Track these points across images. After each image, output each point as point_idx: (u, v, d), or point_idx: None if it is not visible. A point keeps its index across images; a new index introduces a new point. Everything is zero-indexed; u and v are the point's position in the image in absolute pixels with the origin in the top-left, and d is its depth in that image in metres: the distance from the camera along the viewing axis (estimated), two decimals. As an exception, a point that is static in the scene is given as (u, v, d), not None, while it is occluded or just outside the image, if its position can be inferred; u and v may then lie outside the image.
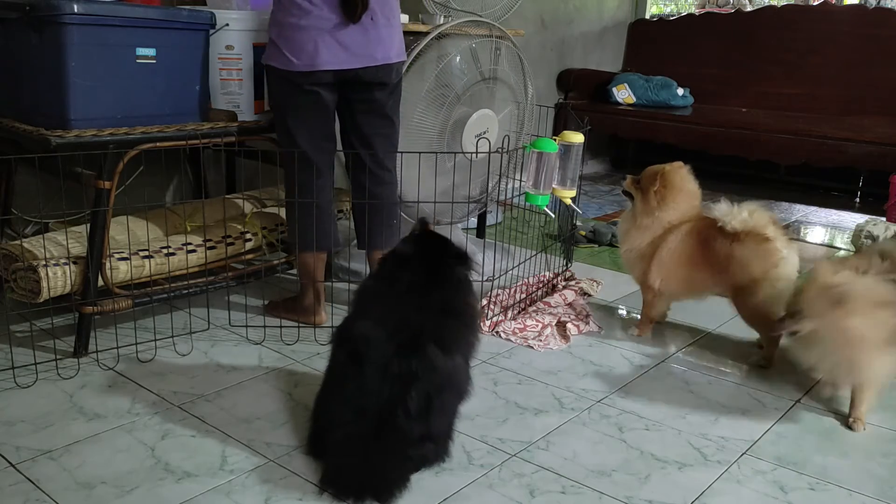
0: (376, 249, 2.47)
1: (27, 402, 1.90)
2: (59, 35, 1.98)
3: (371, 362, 1.57)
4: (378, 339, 1.59)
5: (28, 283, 2.07)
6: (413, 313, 1.63)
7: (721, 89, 5.03)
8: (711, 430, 1.89)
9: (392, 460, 1.57)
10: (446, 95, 2.69)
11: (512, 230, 3.47)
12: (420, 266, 1.70)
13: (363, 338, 1.60)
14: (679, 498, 1.62)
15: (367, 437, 1.56)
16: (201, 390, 2.00)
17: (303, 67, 2.16)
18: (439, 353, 1.58)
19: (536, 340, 2.38)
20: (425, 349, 1.58)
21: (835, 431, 1.93)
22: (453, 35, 2.74)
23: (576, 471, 1.70)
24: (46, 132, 2.00)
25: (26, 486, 1.56)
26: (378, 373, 1.56)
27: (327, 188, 2.36)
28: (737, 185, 5.01)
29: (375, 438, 1.55)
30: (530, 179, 2.46)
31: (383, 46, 2.24)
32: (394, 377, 1.55)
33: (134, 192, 2.49)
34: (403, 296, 1.67)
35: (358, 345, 1.61)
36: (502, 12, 3.08)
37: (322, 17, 2.13)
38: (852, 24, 4.69)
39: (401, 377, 1.55)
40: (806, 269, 2.28)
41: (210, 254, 2.39)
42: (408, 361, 1.56)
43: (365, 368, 1.57)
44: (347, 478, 1.56)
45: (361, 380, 1.57)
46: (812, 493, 1.66)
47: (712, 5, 5.34)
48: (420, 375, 1.55)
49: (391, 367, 1.56)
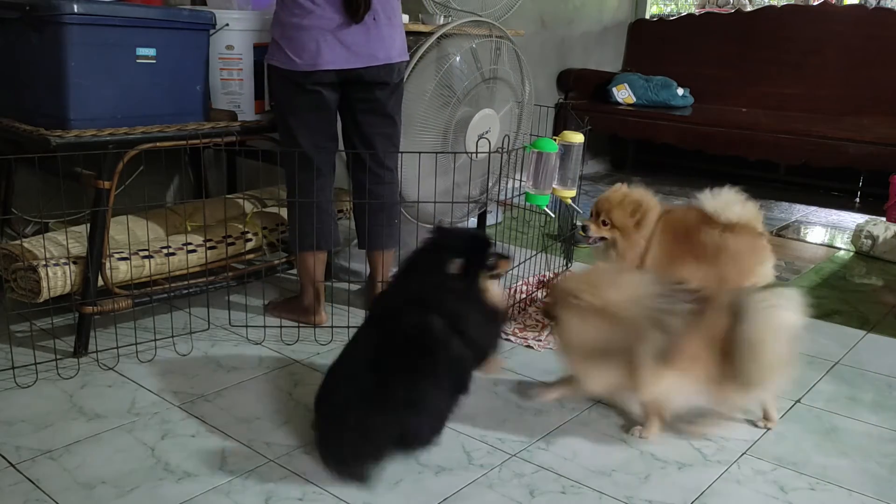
0: (376, 249, 2.47)
1: (27, 402, 1.90)
2: (59, 35, 1.98)
3: (377, 326, 1.69)
4: (391, 307, 1.70)
5: (28, 282, 2.07)
6: (430, 290, 1.71)
7: (721, 89, 5.02)
8: (711, 430, 1.89)
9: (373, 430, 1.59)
10: (450, 96, 2.69)
11: (512, 230, 3.47)
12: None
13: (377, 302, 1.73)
14: (679, 498, 1.61)
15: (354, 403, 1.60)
16: (201, 390, 2.00)
17: (305, 67, 2.16)
18: (447, 330, 1.63)
19: (536, 340, 2.38)
20: (432, 322, 1.63)
21: (835, 431, 1.93)
22: (454, 35, 2.74)
23: (576, 471, 1.69)
24: (46, 132, 2.00)
25: (26, 486, 1.56)
26: (384, 337, 1.66)
27: (328, 188, 2.36)
28: (737, 185, 5.01)
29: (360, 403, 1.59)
30: (530, 179, 2.46)
31: (385, 46, 2.24)
32: (396, 344, 1.63)
33: (134, 192, 2.49)
34: (425, 276, 1.76)
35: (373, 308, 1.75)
36: (502, 12, 3.08)
37: (325, 16, 2.14)
38: (852, 24, 4.69)
39: (401, 346, 1.63)
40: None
41: (210, 254, 2.39)
42: (413, 330, 1.62)
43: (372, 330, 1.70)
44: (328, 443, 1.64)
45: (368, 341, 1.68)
46: (812, 493, 1.66)
47: (712, 5, 5.34)
48: (421, 348, 1.62)
49: (395, 333, 1.65)
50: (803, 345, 2.42)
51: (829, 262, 3.38)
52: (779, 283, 3.02)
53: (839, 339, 2.51)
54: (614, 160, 5.59)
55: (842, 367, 2.30)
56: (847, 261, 3.43)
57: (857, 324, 2.65)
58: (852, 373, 2.26)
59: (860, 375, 2.25)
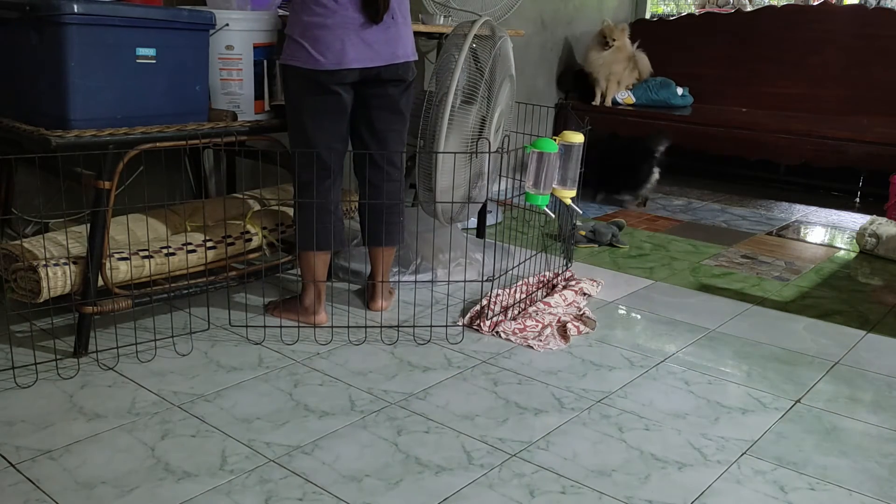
0: (378, 246, 2.48)
1: (27, 402, 1.90)
2: (59, 35, 1.98)
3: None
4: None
5: (28, 283, 2.07)
6: None
7: (721, 89, 5.02)
8: (711, 430, 1.90)
9: None
10: (475, 94, 2.69)
11: (512, 230, 3.47)
12: None
13: None
14: (679, 498, 1.62)
15: None
16: (201, 390, 2.00)
17: (330, 66, 2.18)
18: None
19: (536, 340, 2.38)
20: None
21: (835, 431, 1.93)
22: (454, 35, 2.74)
23: (576, 471, 1.70)
24: (46, 132, 2.00)
25: (26, 486, 1.56)
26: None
27: (337, 189, 2.38)
28: (737, 185, 5.02)
29: None
30: (530, 179, 2.46)
31: (403, 44, 2.29)
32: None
33: (134, 192, 2.49)
34: None
35: None
36: (502, 12, 3.09)
37: (347, 16, 2.17)
38: (852, 24, 4.69)
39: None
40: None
41: (210, 254, 2.39)
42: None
43: None
44: None
45: None
46: (812, 493, 1.66)
47: (712, 5, 5.34)
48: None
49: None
50: (803, 345, 2.44)
51: (829, 262, 3.38)
52: (778, 283, 3.03)
53: (839, 339, 2.51)
54: (614, 160, 5.59)
55: (842, 367, 2.30)
56: (847, 261, 3.43)
57: (857, 324, 2.65)
58: (852, 373, 2.26)
59: (860, 375, 2.25)
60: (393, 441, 1.78)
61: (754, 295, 2.90)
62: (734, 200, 4.58)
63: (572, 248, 3.16)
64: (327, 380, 2.08)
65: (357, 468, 1.67)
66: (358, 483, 1.61)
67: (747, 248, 3.57)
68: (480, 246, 3.06)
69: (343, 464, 1.68)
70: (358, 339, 2.35)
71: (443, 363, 2.21)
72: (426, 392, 2.03)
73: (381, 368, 2.16)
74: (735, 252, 3.48)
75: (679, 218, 4.10)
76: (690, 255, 3.40)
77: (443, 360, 2.23)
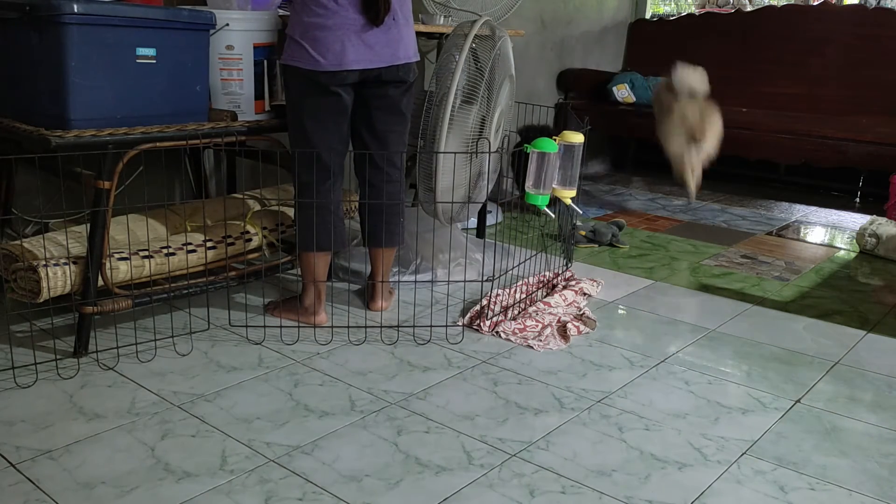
0: (378, 247, 2.48)
1: (27, 402, 1.90)
2: (59, 35, 1.98)
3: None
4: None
5: (28, 283, 2.07)
6: None
7: (721, 89, 4.99)
8: (711, 430, 1.90)
9: None
10: (475, 94, 2.69)
11: (512, 230, 3.47)
12: None
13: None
14: (679, 498, 1.62)
15: None
16: (201, 390, 2.00)
17: (330, 67, 2.18)
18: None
19: (536, 340, 2.38)
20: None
21: (835, 431, 1.93)
22: (455, 35, 2.74)
23: (576, 471, 1.70)
24: (46, 132, 2.00)
25: (26, 486, 1.56)
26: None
27: (338, 189, 2.38)
28: (737, 185, 5.02)
29: None
30: (530, 179, 2.46)
31: (404, 45, 2.29)
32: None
33: (134, 192, 2.49)
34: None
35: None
36: (502, 12, 3.09)
37: (348, 17, 2.16)
38: (852, 24, 4.69)
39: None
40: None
41: (210, 254, 2.39)
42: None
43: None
44: None
45: None
46: (812, 493, 1.66)
47: (712, 5, 5.34)
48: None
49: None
50: (803, 345, 2.44)
51: (829, 262, 3.38)
52: (778, 283, 3.03)
53: (839, 339, 2.51)
54: (614, 160, 5.60)
55: (842, 367, 2.30)
56: (847, 261, 3.43)
57: (857, 324, 2.65)
58: (852, 373, 2.26)
59: (860, 375, 2.25)
60: (393, 441, 1.78)
61: (754, 295, 2.90)
62: (734, 200, 4.58)
63: (572, 248, 3.16)
64: (327, 380, 2.08)
65: (357, 468, 1.67)
66: (358, 483, 1.61)
67: (747, 248, 3.57)
68: (480, 246, 3.06)
69: (343, 464, 1.68)
70: (358, 339, 2.35)
71: (443, 363, 2.21)
72: (426, 392, 2.03)
73: (381, 368, 2.16)
74: (735, 252, 3.48)
75: (679, 218, 4.10)
76: (690, 255, 3.40)
77: (443, 360, 2.23)
